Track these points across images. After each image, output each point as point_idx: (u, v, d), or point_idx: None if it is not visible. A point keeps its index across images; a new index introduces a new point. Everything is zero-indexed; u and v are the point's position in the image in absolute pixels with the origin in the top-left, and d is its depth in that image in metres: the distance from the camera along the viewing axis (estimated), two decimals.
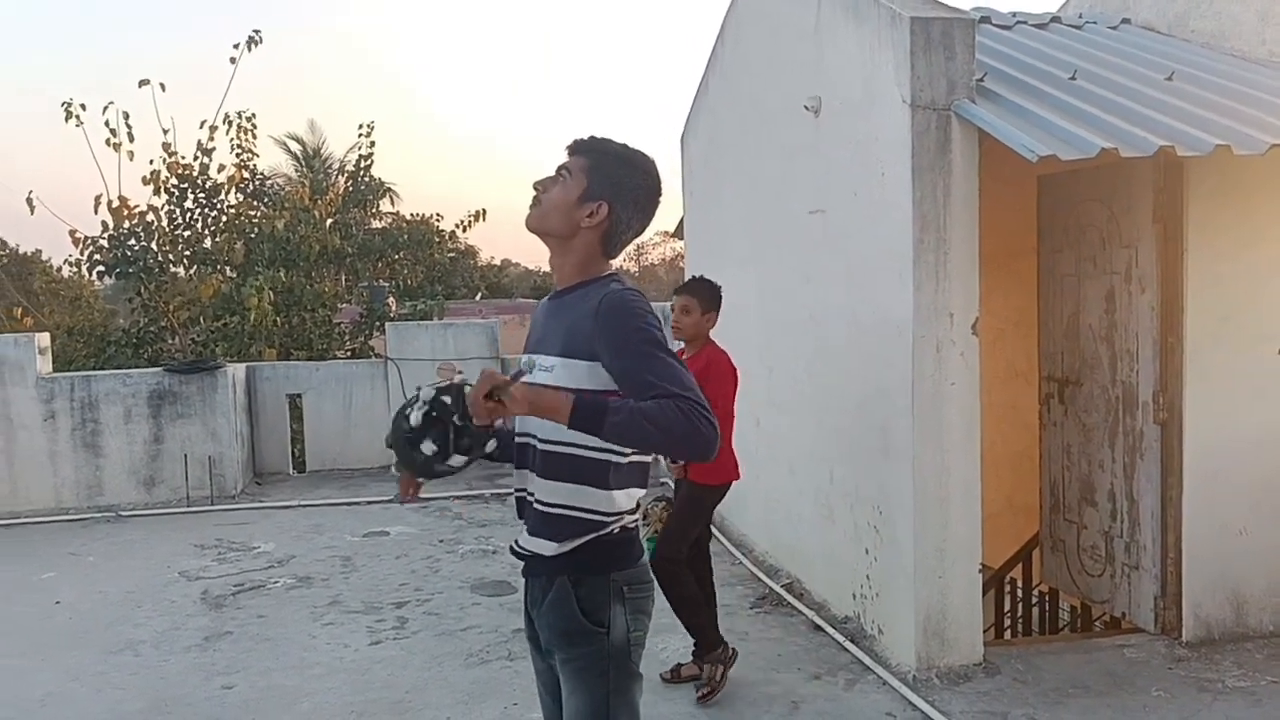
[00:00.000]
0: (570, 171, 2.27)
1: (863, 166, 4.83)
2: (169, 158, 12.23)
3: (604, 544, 2.21)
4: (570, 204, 2.25)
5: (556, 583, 2.24)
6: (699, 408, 2.02)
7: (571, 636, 2.23)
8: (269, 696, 4.62)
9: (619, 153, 2.29)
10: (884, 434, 4.71)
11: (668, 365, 2.08)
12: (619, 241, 2.30)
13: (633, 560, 2.27)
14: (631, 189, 2.27)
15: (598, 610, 2.21)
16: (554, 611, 2.24)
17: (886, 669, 4.61)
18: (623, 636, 2.22)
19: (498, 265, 41.43)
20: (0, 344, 8.59)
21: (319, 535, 7.61)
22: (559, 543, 2.22)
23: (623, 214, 2.27)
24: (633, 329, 2.11)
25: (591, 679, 2.22)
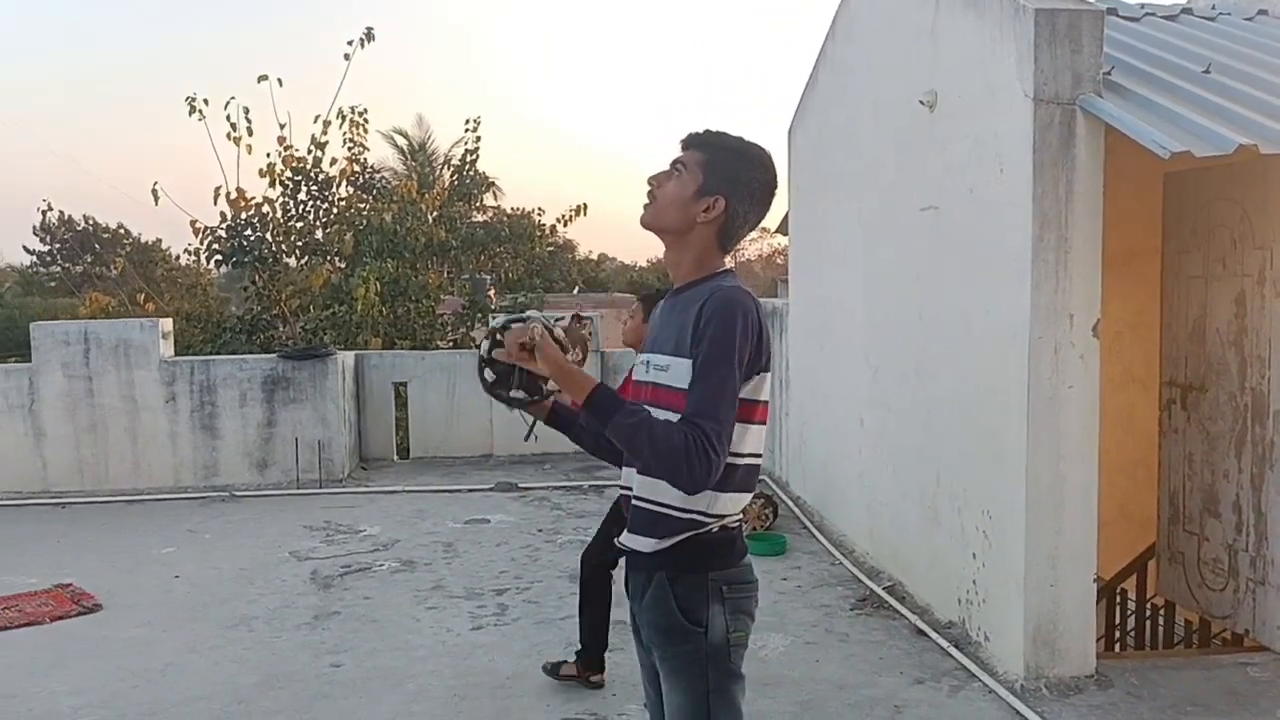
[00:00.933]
0: (685, 166, 2.24)
1: (980, 162, 4.71)
2: (284, 151, 12.63)
3: (703, 543, 2.19)
4: (686, 199, 2.22)
5: (655, 579, 2.23)
6: (706, 447, 2.02)
7: (669, 634, 2.22)
8: (375, 676, 4.74)
9: (735, 146, 2.26)
10: (996, 437, 4.59)
11: (717, 387, 2.07)
12: (735, 236, 2.27)
13: (734, 560, 2.24)
14: (748, 182, 2.24)
15: (695, 609, 2.18)
16: (653, 609, 2.23)
17: (993, 677, 4.49)
18: (722, 636, 2.19)
19: (595, 260, 41.74)
20: (127, 328, 9.00)
21: (422, 521, 7.79)
22: (657, 539, 2.21)
23: (739, 208, 2.23)
24: (714, 335, 2.08)
25: (691, 678, 2.20)
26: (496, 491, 8.78)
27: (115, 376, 8.87)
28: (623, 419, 2.08)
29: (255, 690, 4.56)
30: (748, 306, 2.12)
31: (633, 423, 2.07)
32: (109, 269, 29.43)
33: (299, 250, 13.15)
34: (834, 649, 4.97)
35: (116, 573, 6.45)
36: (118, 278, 18.13)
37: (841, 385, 6.96)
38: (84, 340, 8.84)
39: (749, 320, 2.11)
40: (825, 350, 7.41)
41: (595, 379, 2.17)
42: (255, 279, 12.70)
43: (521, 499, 8.52)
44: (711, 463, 2.03)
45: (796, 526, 7.42)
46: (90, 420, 8.86)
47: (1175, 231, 5.25)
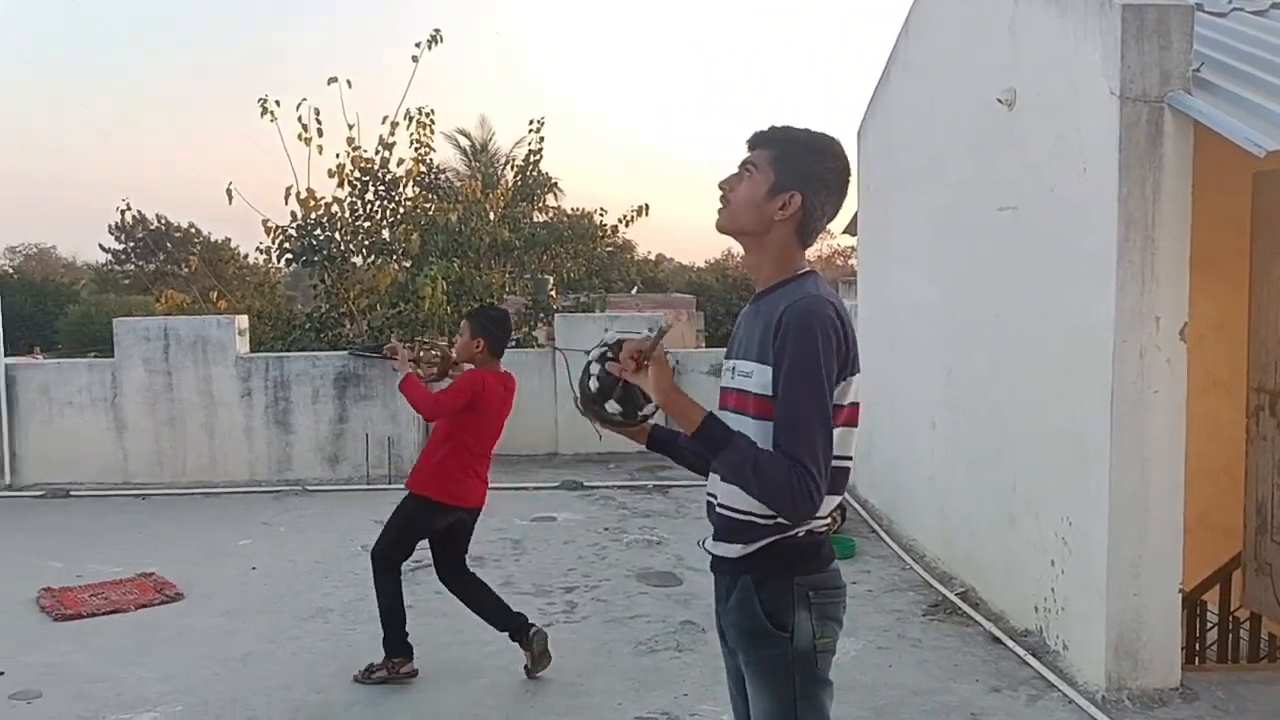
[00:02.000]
0: (756, 165, 2.21)
1: (1061, 161, 4.62)
2: (353, 152, 12.81)
3: (788, 547, 2.16)
4: (760, 199, 2.19)
5: (740, 583, 2.21)
6: (811, 487, 2.03)
7: (755, 638, 2.19)
8: (447, 670, 4.80)
9: (804, 139, 2.23)
10: (1077, 441, 4.50)
11: (809, 416, 2.05)
12: (814, 230, 2.24)
13: (820, 565, 2.20)
14: (821, 173, 2.20)
15: (781, 613, 2.16)
16: (737, 611, 2.22)
17: (1072, 687, 4.41)
18: (808, 642, 2.16)
19: (653, 260, 41.78)
20: (204, 325, 9.23)
21: (489, 518, 7.76)
22: (742, 545, 2.19)
23: (815, 201, 2.20)
24: (795, 352, 2.05)
25: (777, 683, 2.18)
26: (563, 489, 8.83)
27: (193, 372, 9.10)
28: (731, 454, 2.08)
29: (332, 680, 4.65)
30: (827, 315, 2.08)
31: (739, 459, 2.07)
32: (180, 267, 30.17)
33: (366, 249, 13.32)
34: (907, 654, 4.92)
35: (196, 563, 6.62)
36: (189, 276, 18.56)
37: (912, 387, 6.88)
38: (164, 336, 9.09)
39: (830, 330, 2.07)
40: (895, 351, 7.33)
41: (704, 408, 2.14)
42: (324, 277, 12.89)
43: (587, 497, 8.56)
44: (814, 501, 2.05)
45: (865, 530, 7.35)
46: (169, 414, 9.10)
47: (1265, 232, 5.09)
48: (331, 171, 12.71)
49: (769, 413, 2.11)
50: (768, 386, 2.10)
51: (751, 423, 2.14)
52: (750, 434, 2.13)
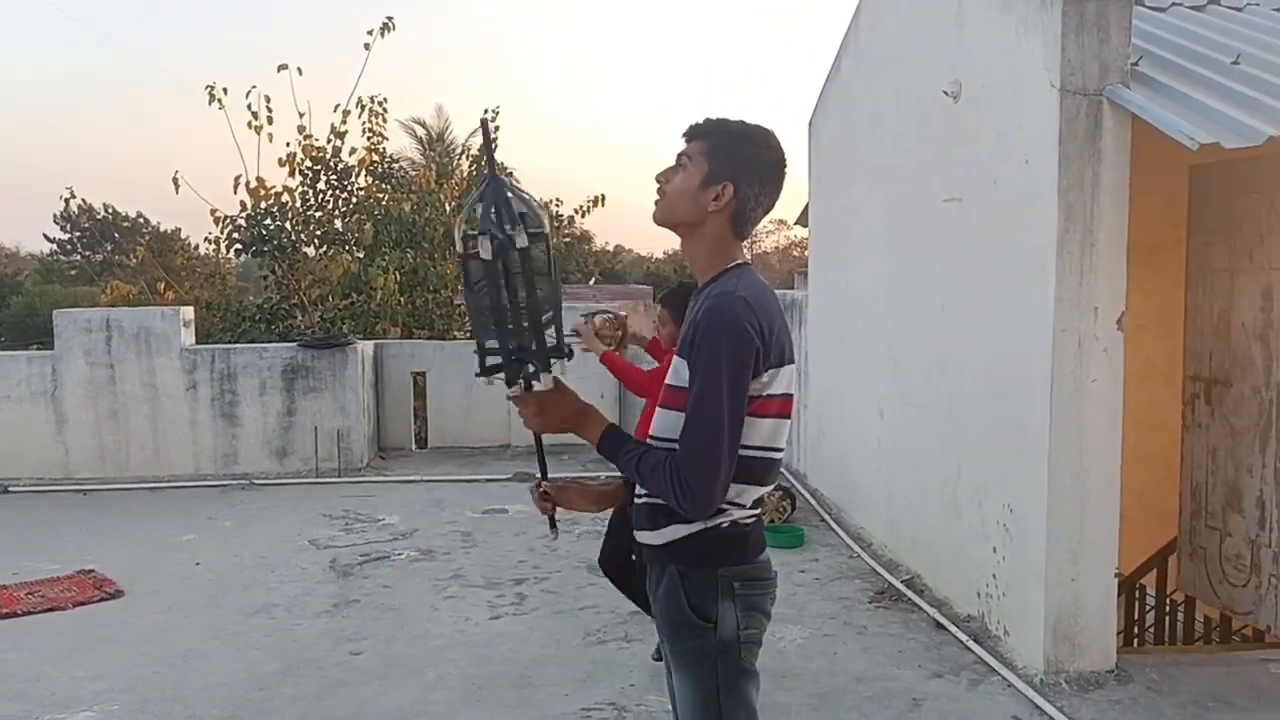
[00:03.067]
0: (690, 157, 2.22)
1: (1004, 154, 4.67)
2: (304, 140, 12.64)
3: (713, 538, 2.16)
4: (694, 190, 2.20)
5: (667, 573, 2.22)
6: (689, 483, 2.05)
7: (679, 628, 2.20)
8: (395, 664, 4.76)
9: (737, 130, 2.23)
10: (1018, 430, 4.56)
11: (705, 421, 2.06)
12: (749, 220, 2.24)
13: (747, 556, 2.20)
14: (754, 163, 2.20)
15: (705, 604, 2.17)
16: (664, 601, 2.23)
17: (1012, 671, 4.48)
18: (732, 633, 2.17)
19: (611, 251, 41.73)
20: (148, 316, 9.06)
21: (441, 510, 7.81)
22: (655, 531, 2.21)
23: (749, 191, 2.20)
24: (704, 353, 2.06)
25: (700, 672, 2.19)
26: (515, 481, 8.79)
27: (137, 364, 8.93)
28: (624, 469, 2.20)
29: (276, 677, 4.59)
30: (736, 312, 2.07)
31: (630, 473, 2.18)
32: (129, 257, 29.59)
33: (318, 240, 13.17)
34: (852, 641, 4.97)
35: (138, 559, 6.50)
36: (137, 266, 18.24)
37: (861, 377, 6.94)
38: (106, 328, 8.90)
39: (739, 327, 2.06)
40: (845, 342, 7.38)
41: (605, 422, 2.24)
42: (275, 268, 12.73)
43: None
44: (695, 498, 2.07)
45: (815, 519, 7.41)
46: (112, 407, 8.93)
47: (1201, 224, 5.20)
48: (282, 160, 12.55)
49: (678, 403, 2.13)
50: (683, 379, 2.12)
51: (668, 414, 2.17)
52: (668, 424, 2.15)
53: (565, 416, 2.26)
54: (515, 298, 2.16)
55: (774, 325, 2.13)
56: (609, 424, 2.22)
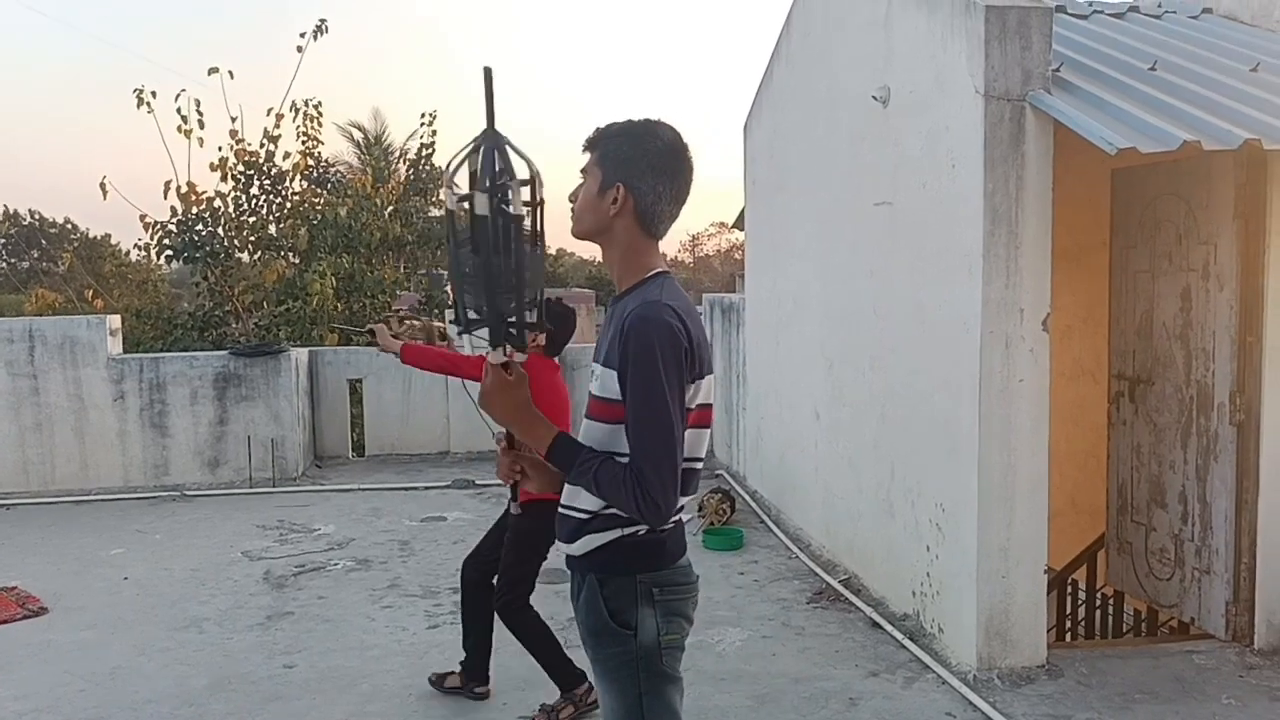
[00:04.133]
0: (587, 170, 2.24)
1: (932, 158, 4.75)
2: (236, 145, 12.43)
3: (629, 545, 2.17)
4: (593, 199, 2.20)
5: (586, 581, 2.21)
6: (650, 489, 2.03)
7: (599, 636, 2.20)
8: (329, 677, 4.68)
9: (620, 130, 2.22)
10: (948, 430, 4.63)
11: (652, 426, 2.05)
12: (656, 215, 2.21)
13: (665, 562, 2.20)
14: (640, 158, 2.18)
15: (623, 611, 2.17)
16: (583, 611, 2.22)
17: (946, 668, 4.54)
18: (652, 639, 2.17)
19: (553, 255, 41.62)
20: (73, 325, 8.81)
21: (378, 519, 7.71)
22: (570, 542, 2.20)
23: (643, 187, 2.18)
24: (638, 362, 2.05)
25: (622, 680, 2.19)
26: (453, 488, 8.72)
27: (61, 374, 8.68)
28: (577, 477, 2.13)
29: (206, 693, 4.49)
30: (665, 321, 2.07)
31: (585, 481, 2.12)
32: (56, 265, 28.80)
33: (252, 245, 12.94)
34: (790, 642, 5.00)
35: (63, 575, 6.32)
36: (65, 274, 17.78)
37: (797, 379, 6.99)
38: (28, 338, 8.64)
39: (669, 336, 2.06)
40: (781, 345, 7.44)
41: (554, 429, 2.17)
42: (207, 274, 12.47)
43: (479, 495, 8.47)
44: (660, 508, 2.05)
45: (754, 521, 7.45)
46: (35, 419, 8.66)
47: (1123, 227, 5.33)
48: (214, 165, 12.33)
49: (611, 415, 2.12)
50: (612, 390, 2.11)
51: (599, 426, 2.15)
52: (599, 437, 2.14)
53: (515, 408, 2.18)
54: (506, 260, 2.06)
55: (697, 335, 2.14)
56: (559, 430, 2.18)
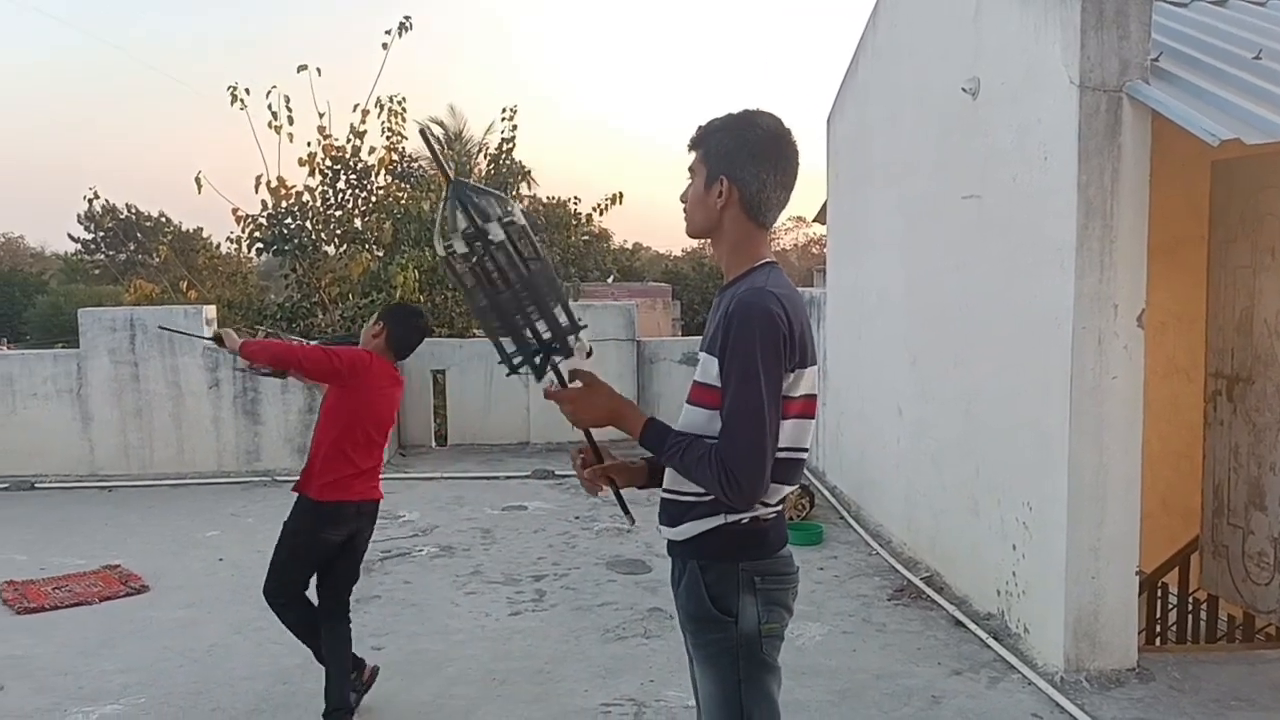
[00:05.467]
0: (694, 168, 2.27)
1: (1023, 150, 4.66)
2: (324, 140, 12.72)
3: (732, 533, 2.19)
4: (701, 195, 2.24)
5: (688, 567, 2.24)
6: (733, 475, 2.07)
7: (700, 622, 2.23)
8: (416, 660, 4.80)
9: (720, 124, 2.24)
10: (1037, 428, 4.55)
11: (741, 412, 2.08)
12: (762, 203, 2.22)
13: (766, 551, 2.22)
14: (741, 149, 2.20)
15: (725, 598, 2.19)
16: (685, 596, 2.25)
17: (1032, 669, 4.47)
18: (753, 627, 2.19)
19: (630, 249, 41.73)
20: (172, 314, 9.14)
21: (460, 507, 7.86)
22: (673, 527, 2.23)
23: (747, 176, 2.19)
24: (738, 348, 2.08)
25: (722, 667, 2.21)
26: (534, 479, 8.84)
27: (160, 362, 9.02)
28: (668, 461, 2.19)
29: (298, 671, 4.63)
30: (768, 309, 2.09)
31: (675, 465, 2.18)
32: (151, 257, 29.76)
33: (338, 238, 13.26)
34: (871, 639, 4.97)
35: (162, 555, 6.58)
36: (160, 265, 18.37)
37: (880, 374, 6.93)
38: (130, 327, 8.99)
39: (770, 324, 2.08)
40: (863, 339, 7.38)
41: (644, 415, 2.23)
42: (295, 267, 12.81)
43: (558, 486, 8.57)
44: (741, 493, 2.08)
45: (833, 516, 7.41)
46: (136, 405, 9.02)
47: (1222, 220, 5.17)
48: (302, 160, 12.63)
49: (710, 401, 2.14)
50: (712, 376, 2.14)
51: (698, 411, 2.18)
52: (699, 422, 2.16)
53: (603, 408, 2.26)
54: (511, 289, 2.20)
55: (800, 325, 2.15)
56: (649, 416, 2.22)
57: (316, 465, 4.10)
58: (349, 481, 4.09)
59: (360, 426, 4.10)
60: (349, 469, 4.08)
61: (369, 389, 4.11)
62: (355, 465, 4.09)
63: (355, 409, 4.09)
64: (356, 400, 4.09)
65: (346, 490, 4.09)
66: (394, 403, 4.29)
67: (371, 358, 4.16)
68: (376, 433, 4.18)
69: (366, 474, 4.16)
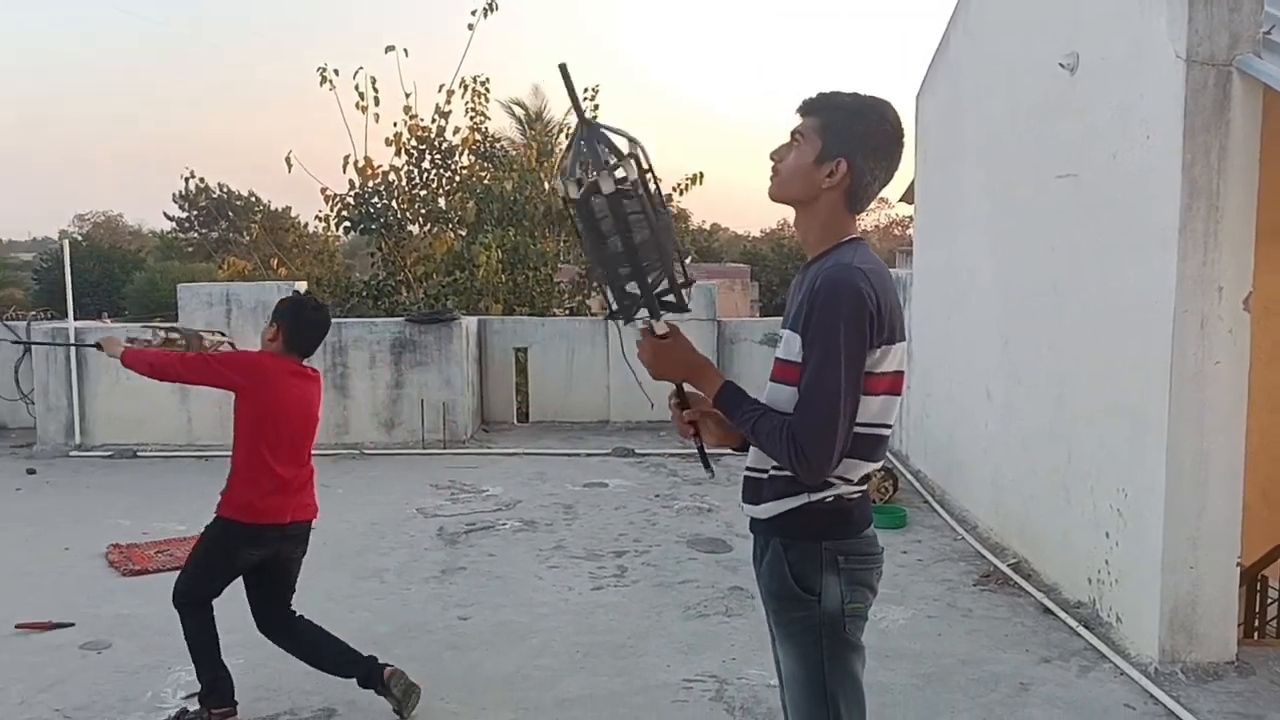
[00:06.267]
0: (804, 134, 2.20)
1: (1123, 128, 4.53)
2: (409, 120, 12.92)
3: (815, 513, 2.17)
4: (808, 167, 2.18)
5: (771, 545, 2.24)
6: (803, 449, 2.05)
7: (782, 600, 2.22)
8: (500, 630, 4.89)
9: (850, 105, 2.19)
10: (1133, 413, 4.44)
11: (817, 388, 2.06)
12: (864, 196, 2.21)
13: (850, 531, 2.21)
14: (867, 138, 2.16)
15: (808, 577, 2.18)
16: (768, 574, 2.25)
17: (1124, 659, 4.38)
18: (836, 606, 2.18)
19: (708, 230, 41.58)
20: (264, 290, 9.42)
21: (542, 483, 7.96)
22: (756, 505, 2.23)
23: (863, 166, 2.16)
24: (822, 322, 2.05)
25: (804, 645, 2.21)
26: (614, 456, 8.91)
27: (255, 337, 9.23)
28: (740, 425, 2.18)
29: (390, 638, 4.76)
30: (854, 284, 2.05)
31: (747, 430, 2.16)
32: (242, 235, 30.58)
33: (422, 218, 13.49)
34: (957, 624, 4.91)
35: None
36: (251, 243, 18.88)
37: (968, 357, 6.82)
38: (226, 302, 9.29)
39: (856, 299, 2.05)
40: (952, 321, 7.26)
41: (722, 377, 2.22)
42: (381, 245, 13.08)
43: (639, 464, 8.63)
44: (810, 463, 2.06)
45: (918, 500, 7.33)
46: None
47: None
48: (388, 140, 12.87)
49: (792, 378, 2.13)
50: (795, 352, 2.12)
51: (781, 388, 2.16)
52: (781, 399, 2.15)
53: (682, 361, 2.24)
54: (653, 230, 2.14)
55: (888, 301, 2.12)
56: (726, 379, 2.22)
57: (233, 482, 3.83)
58: (269, 499, 3.80)
59: (274, 433, 3.80)
60: (268, 483, 3.79)
61: (274, 392, 3.79)
62: (277, 477, 3.80)
63: (263, 416, 3.78)
64: (264, 407, 3.79)
65: (264, 512, 3.80)
66: (309, 401, 3.95)
67: (269, 358, 3.85)
68: (300, 437, 3.90)
69: (292, 488, 3.86)
